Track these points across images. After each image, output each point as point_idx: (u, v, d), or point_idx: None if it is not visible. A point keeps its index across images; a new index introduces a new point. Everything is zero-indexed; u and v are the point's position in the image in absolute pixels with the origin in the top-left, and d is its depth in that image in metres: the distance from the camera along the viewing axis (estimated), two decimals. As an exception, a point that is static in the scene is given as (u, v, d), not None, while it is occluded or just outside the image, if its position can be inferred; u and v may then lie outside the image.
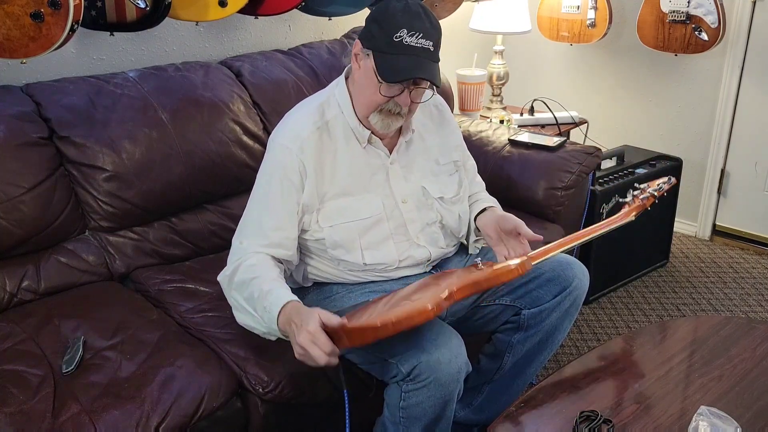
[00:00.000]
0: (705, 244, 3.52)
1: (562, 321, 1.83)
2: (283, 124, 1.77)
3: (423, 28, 1.60)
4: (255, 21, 2.68)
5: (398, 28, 1.58)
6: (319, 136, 1.71)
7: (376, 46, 1.62)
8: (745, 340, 1.77)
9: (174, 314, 1.90)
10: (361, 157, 1.76)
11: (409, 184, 1.80)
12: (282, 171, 1.69)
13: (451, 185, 1.87)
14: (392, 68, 1.60)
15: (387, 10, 1.62)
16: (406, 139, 1.81)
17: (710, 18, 3.06)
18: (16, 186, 1.90)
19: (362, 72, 1.68)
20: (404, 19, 1.59)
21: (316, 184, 1.70)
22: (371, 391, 1.80)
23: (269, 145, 1.76)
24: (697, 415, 1.42)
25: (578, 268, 1.83)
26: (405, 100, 1.66)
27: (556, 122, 3.24)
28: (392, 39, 1.59)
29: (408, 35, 1.58)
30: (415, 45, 1.59)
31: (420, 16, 1.61)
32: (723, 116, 3.36)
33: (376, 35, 1.62)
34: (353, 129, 1.74)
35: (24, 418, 1.46)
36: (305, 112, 1.76)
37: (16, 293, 1.92)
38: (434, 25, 1.63)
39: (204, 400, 1.59)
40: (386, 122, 1.71)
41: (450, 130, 1.93)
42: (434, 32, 1.62)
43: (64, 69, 2.25)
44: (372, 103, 1.68)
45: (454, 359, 1.54)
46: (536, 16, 3.50)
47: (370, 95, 1.67)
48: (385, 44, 1.60)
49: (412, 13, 1.60)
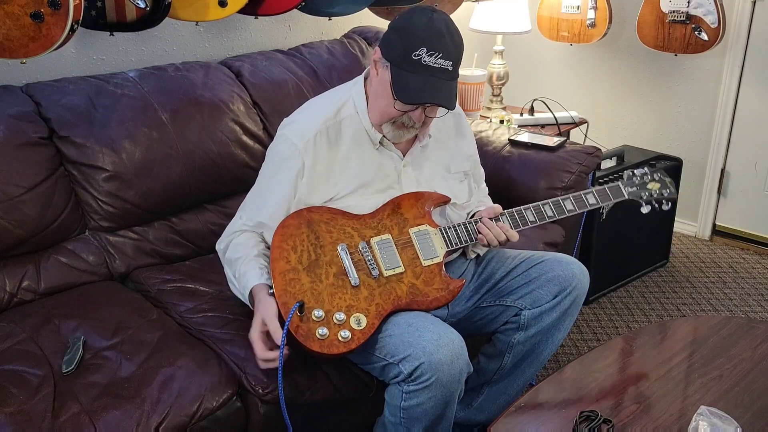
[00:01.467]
0: (705, 244, 3.52)
1: (562, 321, 1.83)
2: (296, 116, 1.80)
3: (444, 47, 1.58)
4: (255, 21, 2.68)
5: (418, 45, 1.56)
6: (328, 136, 1.72)
7: (395, 59, 1.61)
8: (745, 340, 1.77)
9: (174, 314, 1.90)
10: (373, 157, 1.76)
11: (420, 188, 1.81)
12: (282, 163, 1.74)
13: (461, 192, 1.89)
14: (406, 88, 1.59)
15: (411, 23, 1.59)
16: (422, 144, 1.81)
17: (710, 18, 3.06)
18: (16, 186, 1.90)
19: (379, 81, 1.67)
20: (425, 35, 1.57)
21: (315, 183, 1.72)
22: (371, 391, 1.80)
23: (278, 132, 1.80)
24: (697, 415, 1.42)
25: (578, 268, 1.83)
26: (419, 117, 1.66)
27: (556, 122, 3.24)
28: (411, 56, 1.57)
29: (427, 54, 1.56)
30: (432, 65, 1.57)
31: (442, 34, 1.58)
32: (723, 116, 3.36)
33: (395, 47, 1.61)
34: (367, 131, 1.75)
35: (24, 418, 1.46)
36: (320, 108, 1.78)
37: (16, 293, 1.91)
38: (456, 43, 1.61)
39: (204, 400, 1.59)
40: (398, 133, 1.72)
41: (465, 140, 1.94)
42: (455, 51, 1.61)
43: (64, 69, 2.25)
44: (385, 115, 1.68)
45: (455, 360, 1.55)
46: (536, 16, 3.50)
47: (384, 106, 1.67)
48: (402, 60, 1.59)
49: (435, 30, 1.57)
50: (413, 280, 1.69)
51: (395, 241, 1.72)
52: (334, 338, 1.58)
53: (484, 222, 1.76)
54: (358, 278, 1.65)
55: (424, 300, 1.67)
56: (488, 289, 1.87)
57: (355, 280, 1.64)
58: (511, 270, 1.86)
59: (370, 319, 1.61)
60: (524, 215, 1.81)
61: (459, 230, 1.77)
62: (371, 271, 1.66)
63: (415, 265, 1.71)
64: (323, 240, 1.68)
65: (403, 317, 1.64)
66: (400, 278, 1.68)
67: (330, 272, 1.65)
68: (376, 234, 1.72)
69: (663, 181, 1.97)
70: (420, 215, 1.76)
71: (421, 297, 1.67)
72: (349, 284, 1.64)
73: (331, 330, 1.58)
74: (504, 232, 1.75)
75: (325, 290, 1.63)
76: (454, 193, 1.85)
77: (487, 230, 1.75)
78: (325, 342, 1.57)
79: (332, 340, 1.57)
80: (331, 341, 1.57)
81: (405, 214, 1.75)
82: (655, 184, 1.96)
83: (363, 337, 1.59)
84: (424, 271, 1.70)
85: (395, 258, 1.70)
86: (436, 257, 1.72)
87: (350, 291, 1.64)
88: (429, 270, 1.71)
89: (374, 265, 1.67)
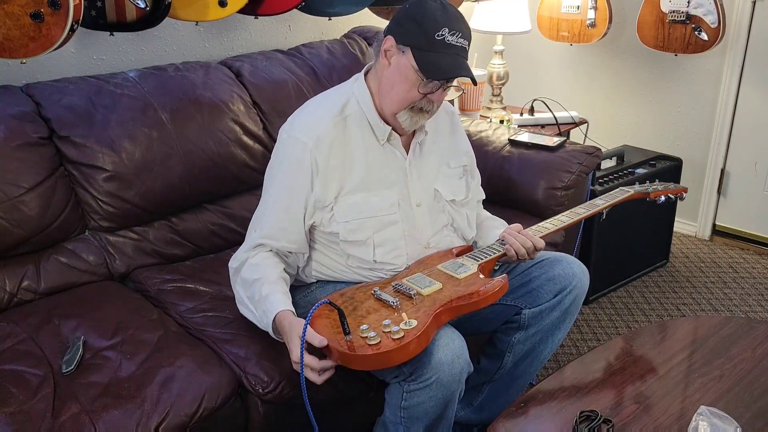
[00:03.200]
0: (705, 244, 3.52)
1: (562, 320, 1.83)
2: (298, 116, 1.78)
3: (461, 28, 1.65)
4: (255, 21, 2.68)
5: (441, 26, 1.62)
6: (336, 131, 1.72)
7: (416, 43, 1.64)
8: (745, 340, 1.77)
9: (174, 314, 1.90)
10: (378, 154, 1.76)
11: (423, 186, 1.81)
12: (293, 165, 1.71)
13: (460, 188, 1.89)
14: (437, 66, 1.63)
15: (426, 9, 1.64)
16: (419, 141, 1.82)
17: (710, 18, 3.06)
18: (16, 186, 1.90)
19: (394, 69, 1.68)
20: (444, 18, 1.63)
21: (328, 180, 1.71)
22: (371, 391, 1.80)
23: (281, 137, 1.77)
24: (697, 415, 1.42)
25: (578, 267, 1.83)
26: (440, 98, 1.70)
27: (556, 122, 3.24)
28: (434, 37, 1.62)
29: (450, 34, 1.62)
30: (455, 44, 1.63)
31: (458, 17, 1.66)
32: (723, 116, 3.36)
33: (414, 32, 1.64)
34: (373, 126, 1.75)
35: (24, 418, 1.46)
36: (323, 107, 1.77)
37: (16, 293, 1.91)
38: (468, 26, 1.69)
39: (204, 400, 1.59)
40: (414, 119, 1.73)
41: (460, 136, 1.96)
42: (469, 33, 1.68)
43: (64, 69, 2.25)
44: (405, 100, 1.69)
45: (456, 359, 1.54)
46: (536, 16, 3.50)
47: (404, 92, 1.68)
48: (426, 42, 1.63)
49: (451, 13, 1.64)
50: (455, 287, 1.64)
51: (426, 274, 1.70)
52: (386, 338, 1.47)
53: (508, 232, 1.79)
54: (397, 300, 1.58)
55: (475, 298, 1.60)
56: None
57: (396, 302, 1.57)
58: (511, 269, 1.87)
59: (421, 319, 1.51)
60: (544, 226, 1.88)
61: (485, 250, 1.79)
62: (411, 295, 1.61)
63: (453, 280, 1.67)
64: (357, 298, 1.64)
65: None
66: (440, 291, 1.63)
67: (370, 307, 1.59)
68: (405, 275, 1.71)
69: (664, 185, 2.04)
70: (445, 257, 1.78)
71: (469, 297, 1.60)
72: (390, 307, 1.58)
73: (380, 334, 1.48)
74: (529, 239, 1.77)
75: (367, 315, 1.57)
76: (453, 191, 1.87)
77: (513, 240, 1.77)
78: (380, 344, 1.46)
79: (385, 342, 1.46)
80: (383, 342, 1.46)
81: (429, 261, 1.76)
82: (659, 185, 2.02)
83: (416, 333, 1.47)
84: (463, 281, 1.66)
85: (431, 281, 1.66)
86: (471, 269, 1.70)
87: (393, 310, 1.57)
88: (466, 279, 1.67)
89: (412, 290, 1.62)
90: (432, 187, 1.83)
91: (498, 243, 1.81)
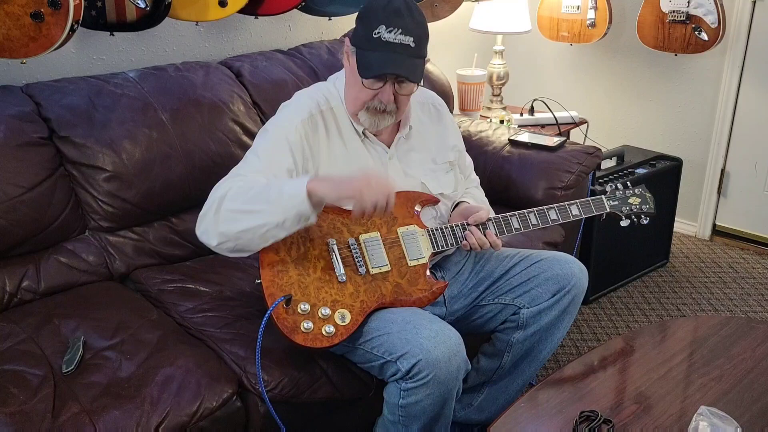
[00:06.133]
0: (705, 244, 3.52)
1: (561, 320, 1.83)
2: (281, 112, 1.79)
3: (402, 24, 1.61)
4: (255, 21, 2.68)
5: (377, 24, 1.61)
6: (322, 119, 1.74)
7: (358, 42, 1.66)
8: (745, 340, 1.77)
9: (174, 314, 1.90)
10: (359, 149, 1.78)
11: (408, 180, 1.82)
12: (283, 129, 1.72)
13: (449, 183, 1.90)
14: (367, 64, 1.63)
15: (370, 7, 1.64)
16: (404, 135, 1.83)
17: (710, 18, 3.06)
18: (16, 186, 1.90)
19: (350, 69, 1.72)
20: (383, 15, 1.61)
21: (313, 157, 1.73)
22: (371, 391, 1.80)
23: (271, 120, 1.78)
24: (697, 415, 1.42)
25: (577, 267, 1.83)
26: (387, 97, 1.68)
27: (556, 122, 3.24)
28: (371, 35, 1.61)
29: (386, 31, 1.60)
30: (392, 41, 1.61)
31: (401, 11, 1.61)
32: (723, 116, 3.36)
33: (358, 32, 1.66)
34: (352, 123, 1.78)
35: (24, 418, 1.46)
36: (309, 96, 1.79)
37: (16, 293, 1.91)
38: (417, 21, 1.64)
39: (204, 399, 1.59)
40: (374, 120, 1.73)
41: (448, 131, 1.95)
42: (416, 28, 1.63)
43: (64, 69, 2.25)
44: (358, 100, 1.71)
45: (453, 357, 1.55)
46: (536, 16, 3.50)
47: (356, 92, 1.71)
48: (365, 41, 1.63)
49: (393, 9, 1.61)
50: (398, 279, 1.71)
51: (383, 239, 1.74)
52: (318, 332, 1.60)
53: (472, 231, 1.78)
54: (345, 274, 1.66)
55: (407, 299, 1.70)
56: (486, 287, 1.87)
57: (342, 276, 1.66)
58: (509, 268, 1.86)
59: (354, 316, 1.63)
60: (510, 222, 1.84)
61: (446, 233, 1.79)
62: (358, 268, 1.68)
63: (401, 265, 1.73)
64: (313, 233, 1.69)
65: (400, 315, 1.64)
66: (385, 276, 1.70)
67: (318, 266, 1.67)
68: (365, 231, 1.74)
69: (644, 196, 1.99)
70: (409, 215, 1.78)
71: (405, 296, 1.70)
72: (336, 280, 1.66)
73: (315, 324, 1.60)
74: (488, 240, 1.78)
75: (311, 284, 1.64)
76: (441, 185, 1.87)
77: (473, 239, 1.78)
78: (309, 336, 1.59)
79: (316, 335, 1.60)
80: (315, 335, 1.60)
81: (394, 212, 1.77)
82: (635, 198, 1.97)
83: (346, 333, 1.62)
84: (409, 271, 1.72)
85: (382, 256, 1.72)
86: (422, 258, 1.75)
87: (336, 286, 1.66)
88: (414, 270, 1.73)
89: (362, 263, 1.69)
90: (419, 180, 1.84)
91: (460, 232, 1.79)
